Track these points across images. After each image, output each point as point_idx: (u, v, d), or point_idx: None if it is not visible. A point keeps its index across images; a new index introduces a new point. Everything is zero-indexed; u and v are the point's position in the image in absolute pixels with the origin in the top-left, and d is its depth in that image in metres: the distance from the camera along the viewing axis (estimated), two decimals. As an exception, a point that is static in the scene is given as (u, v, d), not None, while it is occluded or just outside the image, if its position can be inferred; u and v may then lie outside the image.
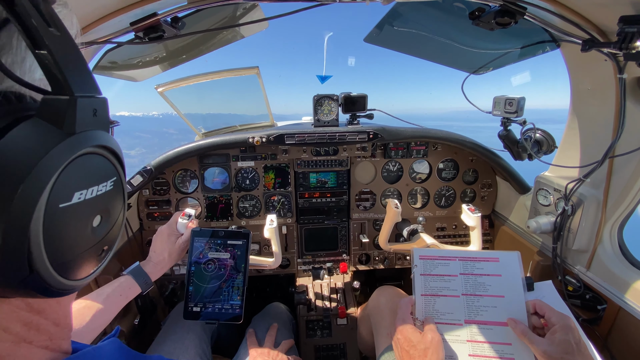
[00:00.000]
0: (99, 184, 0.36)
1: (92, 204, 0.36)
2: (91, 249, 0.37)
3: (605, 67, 1.16)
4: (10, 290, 0.31)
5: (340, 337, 1.76)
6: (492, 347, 0.97)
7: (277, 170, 1.92)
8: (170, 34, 1.13)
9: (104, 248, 0.40)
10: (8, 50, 0.32)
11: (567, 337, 0.84)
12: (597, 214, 1.32)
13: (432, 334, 0.94)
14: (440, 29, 1.52)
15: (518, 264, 1.07)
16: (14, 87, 0.32)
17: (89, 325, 1.01)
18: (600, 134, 1.28)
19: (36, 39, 0.30)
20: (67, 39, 0.33)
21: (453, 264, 1.11)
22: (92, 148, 0.35)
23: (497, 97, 1.48)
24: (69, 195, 0.33)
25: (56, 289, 0.33)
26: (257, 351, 1.35)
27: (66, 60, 0.31)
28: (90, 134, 0.34)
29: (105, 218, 0.39)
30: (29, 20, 0.29)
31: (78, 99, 0.32)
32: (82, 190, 0.34)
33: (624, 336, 1.22)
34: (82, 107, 0.33)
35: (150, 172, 1.69)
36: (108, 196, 0.38)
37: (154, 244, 1.34)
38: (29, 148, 0.29)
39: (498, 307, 1.02)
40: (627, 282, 1.21)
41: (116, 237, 0.43)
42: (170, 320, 1.50)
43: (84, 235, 0.36)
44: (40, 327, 0.37)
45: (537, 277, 1.56)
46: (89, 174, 0.35)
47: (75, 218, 0.34)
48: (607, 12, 0.99)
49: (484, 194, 2.01)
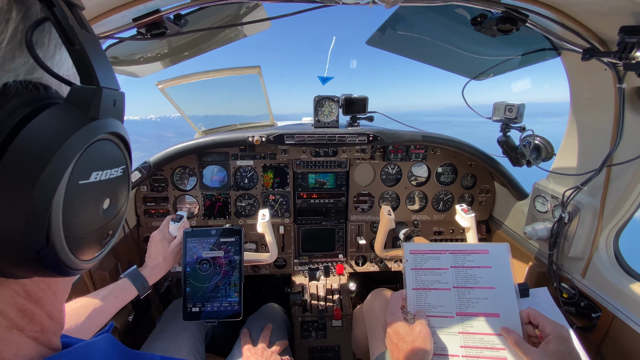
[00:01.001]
0: (111, 168, 0.40)
1: (105, 185, 0.39)
2: (99, 230, 0.40)
3: (605, 76, 1.17)
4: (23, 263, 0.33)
5: (334, 339, 1.76)
6: (484, 338, 0.98)
7: (276, 170, 1.92)
8: (173, 31, 1.12)
9: (108, 232, 0.42)
10: (40, 46, 0.36)
11: (561, 348, 0.83)
12: (593, 222, 1.32)
13: (420, 327, 0.94)
14: (442, 33, 1.53)
15: (507, 255, 1.08)
16: (42, 78, 0.36)
17: (84, 324, 1.02)
18: (598, 142, 1.29)
19: (71, 36, 0.34)
20: (94, 39, 0.37)
21: (443, 257, 1.12)
22: (110, 135, 0.39)
23: (497, 103, 1.48)
24: (88, 174, 0.36)
25: (64, 266, 0.36)
26: (250, 351, 1.34)
27: (94, 57, 0.36)
28: (110, 122, 0.38)
29: (113, 202, 0.42)
30: (65, 21, 0.34)
31: (103, 89, 0.36)
32: (99, 171, 0.37)
33: (618, 344, 1.22)
34: (106, 96, 0.37)
35: (148, 168, 1.68)
36: (118, 181, 0.42)
37: (148, 249, 1.35)
38: (61, 126, 0.33)
39: (489, 299, 1.04)
40: (622, 290, 1.21)
41: (119, 224, 0.45)
42: (165, 318, 1.49)
43: (95, 215, 0.39)
44: (34, 317, 0.38)
45: (532, 283, 1.56)
46: (104, 157, 0.39)
47: (90, 196, 0.37)
48: (608, 21, 1.00)
49: (481, 199, 2.01)
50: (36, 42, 0.35)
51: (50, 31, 0.37)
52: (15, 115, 0.31)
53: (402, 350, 0.91)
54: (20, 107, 0.32)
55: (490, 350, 0.96)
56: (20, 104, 0.32)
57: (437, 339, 0.99)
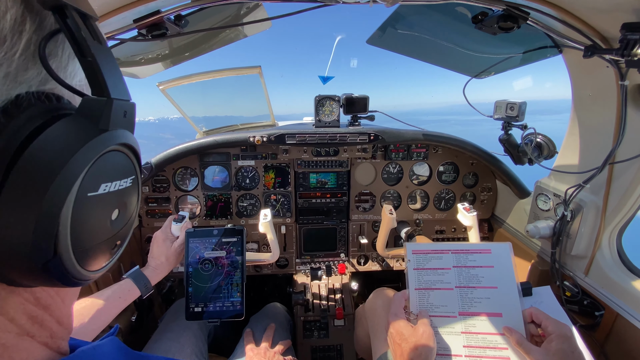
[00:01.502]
0: (121, 179, 0.40)
1: (114, 197, 0.39)
2: (108, 240, 0.40)
3: (607, 73, 1.16)
4: (31, 274, 0.33)
5: (337, 338, 1.76)
6: (486, 338, 0.98)
7: (277, 170, 1.92)
8: (173, 32, 1.13)
9: (117, 243, 0.42)
10: (54, 56, 0.36)
11: (563, 346, 0.83)
12: (596, 220, 1.32)
13: (423, 328, 0.94)
14: (443, 32, 1.52)
15: (510, 255, 1.08)
16: (55, 89, 0.36)
17: (87, 325, 1.02)
18: (600, 140, 1.28)
19: (83, 48, 0.34)
20: (106, 51, 0.37)
21: (446, 257, 1.11)
22: (120, 146, 0.39)
23: (498, 102, 1.48)
24: (97, 186, 0.36)
25: (72, 277, 0.35)
26: (253, 351, 1.35)
27: (106, 68, 0.36)
28: (120, 133, 0.38)
29: (122, 213, 0.41)
30: (78, 32, 0.34)
31: (114, 100, 0.36)
32: (108, 182, 0.37)
33: (621, 343, 1.22)
34: (116, 108, 0.37)
35: (150, 169, 1.69)
36: (127, 192, 0.41)
37: (151, 249, 1.36)
38: (71, 138, 0.33)
39: (491, 298, 1.03)
40: (625, 288, 1.21)
41: (128, 233, 0.45)
42: (167, 318, 1.50)
43: (103, 226, 0.39)
44: (44, 323, 0.38)
45: (535, 282, 1.56)
46: (114, 169, 0.38)
47: (99, 208, 0.37)
48: (610, 18, 1.00)
49: (483, 197, 2.01)
50: (49, 53, 0.35)
51: (63, 42, 0.37)
52: (27, 127, 0.31)
53: (405, 351, 0.91)
54: (32, 118, 0.32)
55: (493, 350, 0.96)
56: (32, 115, 0.32)
57: (439, 338, 0.98)
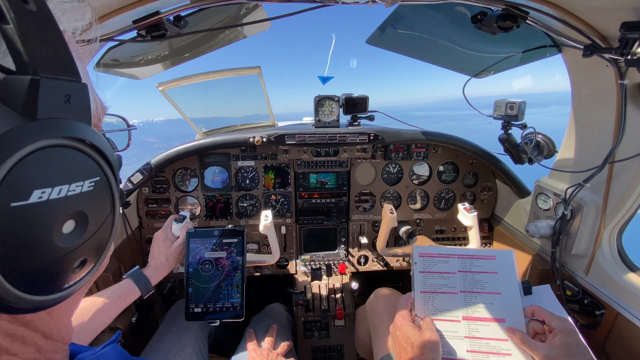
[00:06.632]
0: (70, 182, 0.31)
1: (60, 205, 0.30)
2: (61, 259, 0.32)
3: (606, 72, 1.16)
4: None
5: (337, 339, 1.76)
6: (490, 343, 0.98)
7: (277, 170, 1.92)
8: (173, 32, 1.13)
9: (81, 260, 0.34)
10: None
11: (567, 340, 0.83)
12: (596, 219, 1.32)
13: (430, 333, 0.94)
14: (442, 32, 1.52)
15: (513, 261, 1.09)
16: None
17: (87, 326, 1.02)
18: (600, 139, 1.28)
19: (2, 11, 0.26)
20: (44, 17, 0.29)
21: (452, 261, 1.12)
22: (63, 140, 0.30)
23: (498, 101, 1.48)
24: (26, 193, 0.27)
25: (15, 307, 0.29)
26: (256, 351, 1.34)
27: (35, 38, 0.28)
28: (60, 123, 0.30)
29: (81, 224, 0.33)
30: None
31: (42, 79, 0.28)
32: (45, 188, 0.29)
33: (622, 342, 1.22)
34: (48, 89, 0.29)
35: (150, 170, 1.69)
36: (85, 198, 0.33)
37: (151, 249, 1.35)
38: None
39: (495, 304, 1.04)
40: (625, 287, 1.21)
41: (101, 247, 0.37)
42: (168, 319, 1.50)
43: (48, 243, 0.30)
44: (25, 340, 0.33)
45: (535, 281, 1.56)
46: (56, 170, 0.30)
47: (34, 221, 0.28)
48: (609, 17, 1.00)
49: (483, 197, 2.01)
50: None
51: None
52: None
53: (410, 355, 0.91)
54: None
55: (496, 356, 0.96)
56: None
57: (444, 342, 0.99)
